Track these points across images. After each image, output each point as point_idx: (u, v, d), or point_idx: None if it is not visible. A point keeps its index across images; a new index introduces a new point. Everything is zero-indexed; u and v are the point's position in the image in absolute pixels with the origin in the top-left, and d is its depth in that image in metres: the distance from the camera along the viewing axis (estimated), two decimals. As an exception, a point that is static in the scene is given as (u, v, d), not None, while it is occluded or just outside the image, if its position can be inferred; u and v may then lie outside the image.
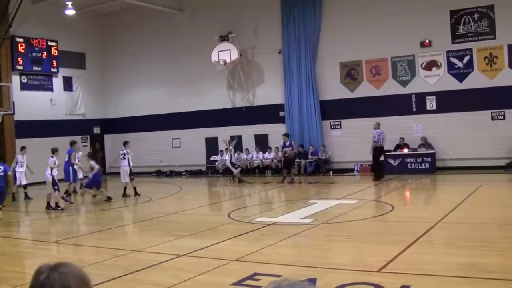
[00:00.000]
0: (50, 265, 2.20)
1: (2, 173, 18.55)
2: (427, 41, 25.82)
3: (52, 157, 19.46)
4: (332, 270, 9.34)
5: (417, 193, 21.21)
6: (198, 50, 31.22)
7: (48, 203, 19.41)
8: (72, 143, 22.37)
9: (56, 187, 19.15)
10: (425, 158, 25.25)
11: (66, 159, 22.17)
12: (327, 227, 13.55)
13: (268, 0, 29.55)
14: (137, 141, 33.46)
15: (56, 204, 19.18)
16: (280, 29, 29.39)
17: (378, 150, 24.22)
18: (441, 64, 25.71)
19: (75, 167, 22.25)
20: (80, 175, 25.23)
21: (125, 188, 22.45)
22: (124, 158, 22.71)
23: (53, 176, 19.19)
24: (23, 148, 23.39)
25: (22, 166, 22.82)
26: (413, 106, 26.29)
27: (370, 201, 17.75)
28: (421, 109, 26.10)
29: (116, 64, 35.56)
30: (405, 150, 25.84)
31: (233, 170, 26.29)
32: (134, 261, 10.59)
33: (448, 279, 8.14)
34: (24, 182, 22.96)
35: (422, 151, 25.49)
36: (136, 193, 22.46)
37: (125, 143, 23.25)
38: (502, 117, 24.46)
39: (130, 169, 22.56)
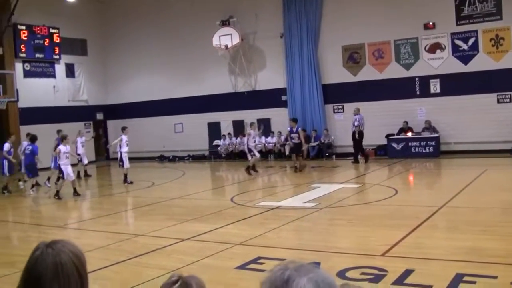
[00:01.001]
0: (46, 242, 2.30)
1: (29, 152, 20.52)
2: (430, 23, 25.61)
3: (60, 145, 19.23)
4: (335, 254, 9.37)
5: (421, 177, 21.16)
6: (199, 35, 31.08)
7: (74, 189, 19.12)
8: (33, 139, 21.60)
9: (61, 175, 18.83)
10: (429, 142, 25.14)
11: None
12: (330, 211, 13.56)
13: (270, -17, 29.44)
14: (140, 126, 33.54)
15: (57, 192, 18.81)
16: (281, 13, 29.23)
17: (360, 135, 24.83)
18: (445, 47, 25.53)
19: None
20: (86, 161, 25.33)
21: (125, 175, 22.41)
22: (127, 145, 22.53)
23: (59, 164, 18.91)
24: (28, 134, 23.22)
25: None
26: (417, 89, 26.16)
27: (373, 185, 17.75)
28: (425, 92, 25.95)
29: (117, 50, 35.45)
30: (409, 134, 25.73)
31: (249, 156, 23.16)
32: (138, 245, 10.63)
33: (452, 263, 8.13)
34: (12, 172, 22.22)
35: (426, 134, 25.37)
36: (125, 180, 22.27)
37: (123, 129, 23.07)
38: (508, 100, 24.27)
39: (120, 155, 22.30)
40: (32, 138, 21.46)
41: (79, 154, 24.75)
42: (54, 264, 2.22)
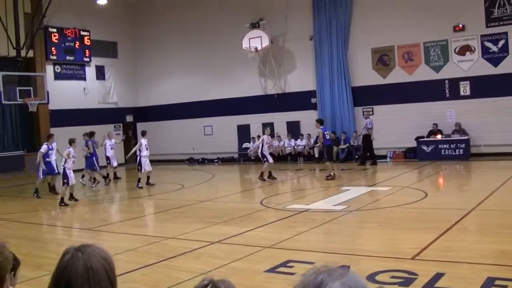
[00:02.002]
0: (76, 246, 2.33)
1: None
2: (460, 25, 25.41)
3: (69, 148, 18.53)
4: (365, 257, 9.31)
5: (450, 179, 20.98)
6: (229, 38, 31.20)
7: (71, 194, 18.55)
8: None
9: (65, 180, 18.22)
10: (459, 144, 24.93)
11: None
12: (360, 214, 13.50)
13: (299, -14, 29.44)
14: (170, 129, 33.87)
15: (62, 199, 18.11)
16: (311, 15, 29.24)
17: (369, 138, 25.62)
18: (475, 49, 25.31)
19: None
20: (115, 163, 25.46)
21: (148, 177, 22.57)
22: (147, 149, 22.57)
23: (64, 168, 18.26)
24: (50, 136, 22.44)
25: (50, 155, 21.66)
26: (447, 91, 25.96)
27: (403, 187, 17.62)
28: (455, 95, 25.76)
29: (147, 52, 35.69)
30: (439, 136, 25.55)
31: (263, 162, 22.63)
32: (168, 248, 10.67)
33: (483, 267, 8.05)
34: (55, 171, 21.75)
35: (456, 137, 25.18)
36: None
37: (143, 133, 23.16)
38: (538, 102, 24.02)
39: (139, 159, 22.37)
40: (91, 134, 23.39)
41: (108, 157, 24.93)
42: (85, 268, 2.24)
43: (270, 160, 22.36)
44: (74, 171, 19.25)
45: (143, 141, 22.42)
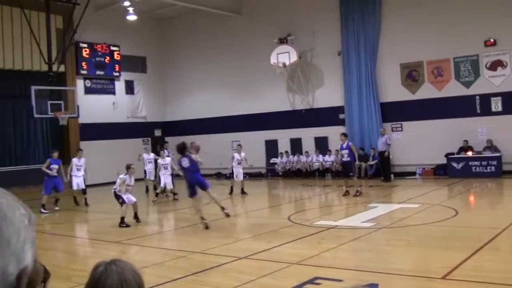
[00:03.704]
0: (107, 261, 2.33)
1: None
2: (491, 40, 25.14)
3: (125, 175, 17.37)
4: (394, 275, 9.18)
5: (482, 197, 20.67)
6: (257, 53, 31.23)
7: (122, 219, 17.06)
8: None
9: (120, 200, 17.04)
10: (490, 162, 24.58)
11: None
12: (388, 231, 13.34)
13: (327, 1, 29.40)
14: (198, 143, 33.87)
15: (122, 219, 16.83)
16: (339, 30, 29.18)
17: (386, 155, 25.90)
18: (507, 64, 25.00)
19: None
20: (152, 177, 25.36)
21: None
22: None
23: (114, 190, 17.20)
24: (78, 150, 22.80)
25: (79, 170, 21.84)
26: (477, 107, 25.66)
27: (433, 205, 17.39)
28: (486, 111, 25.42)
29: (176, 67, 35.89)
30: (469, 153, 25.23)
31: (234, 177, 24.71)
32: (195, 262, 10.64)
33: (516, 287, 7.89)
34: (82, 186, 21.87)
35: (487, 154, 24.83)
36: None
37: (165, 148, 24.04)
38: None
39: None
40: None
41: (145, 170, 24.89)
42: (119, 280, 2.25)
43: (235, 178, 24.20)
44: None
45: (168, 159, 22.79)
